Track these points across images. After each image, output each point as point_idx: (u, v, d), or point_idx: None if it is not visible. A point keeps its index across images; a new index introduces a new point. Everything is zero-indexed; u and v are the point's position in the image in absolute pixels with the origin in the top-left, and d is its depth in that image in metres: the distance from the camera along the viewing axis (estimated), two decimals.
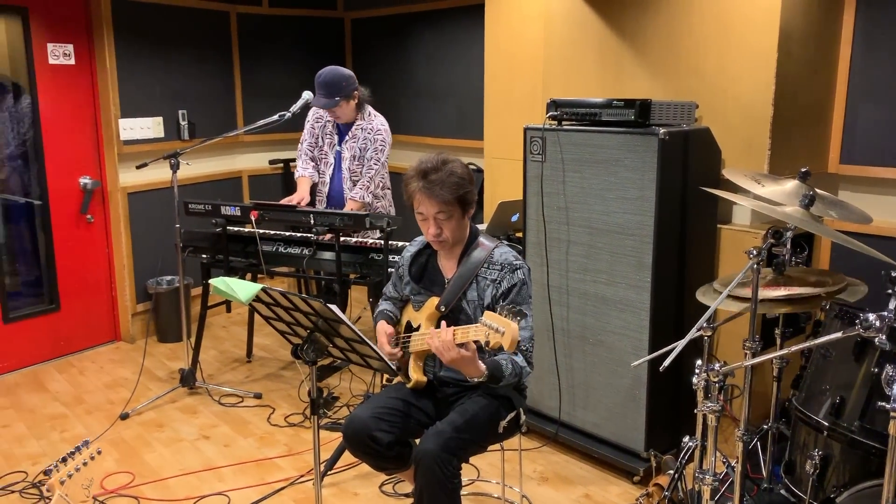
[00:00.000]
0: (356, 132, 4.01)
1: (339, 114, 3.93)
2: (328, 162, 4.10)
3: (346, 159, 4.03)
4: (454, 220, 2.36)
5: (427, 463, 2.17)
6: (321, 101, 3.85)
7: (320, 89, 3.84)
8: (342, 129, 4.07)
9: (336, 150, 4.08)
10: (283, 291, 2.16)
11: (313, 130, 4.14)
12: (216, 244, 3.99)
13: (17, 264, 4.45)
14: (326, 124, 4.10)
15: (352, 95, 3.90)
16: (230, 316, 5.23)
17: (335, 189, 4.11)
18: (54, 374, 4.34)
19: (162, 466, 3.30)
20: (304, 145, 4.18)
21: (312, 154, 4.16)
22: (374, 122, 4.02)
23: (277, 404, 3.91)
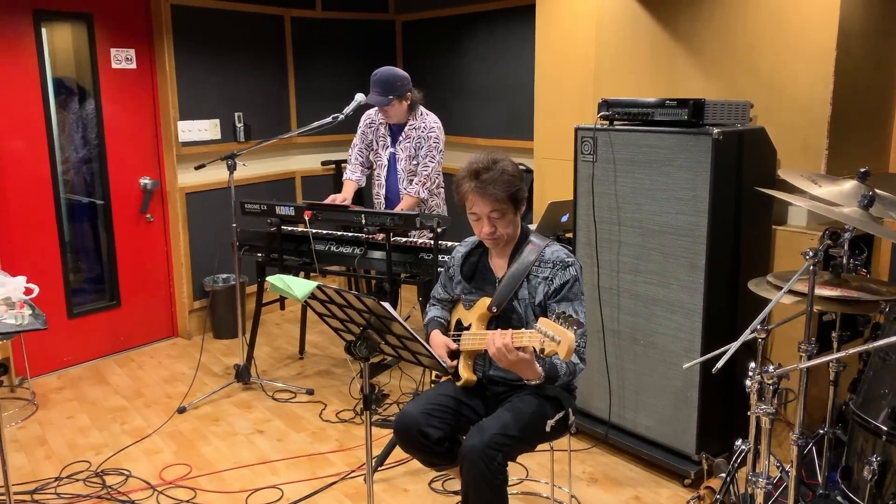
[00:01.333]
0: (409, 132, 4.05)
1: (391, 113, 3.97)
2: (382, 164, 4.15)
3: (400, 160, 4.07)
4: (507, 218, 2.38)
5: (472, 458, 2.19)
6: (374, 98, 3.90)
7: (375, 87, 3.89)
8: (395, 131, 4.12)
9: (390, 151, 4.13)
10: (338, 289, 2.21)
11: (365, 136, 4.20)
12: (271, 243, 4.08)
13: (81, 262, 4.62)
14: (379, 127, 4.15)
15: (405, 96, 3.94)
16: (283, 314, 5.34)
17: (391, 191, 4.16)
18: (115, 369, 4.50)
19: (217, 459, 3.39)
20: (354, 150, 4.24)
21: (362, 159, 4.22)
22: (426, 120, 4.06)
23: (329, 400, 3.98)
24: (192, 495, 3.09)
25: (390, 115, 4.00)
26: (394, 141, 4.12)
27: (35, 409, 3.93)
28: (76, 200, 4.52)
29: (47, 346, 4.33)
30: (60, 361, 4.44)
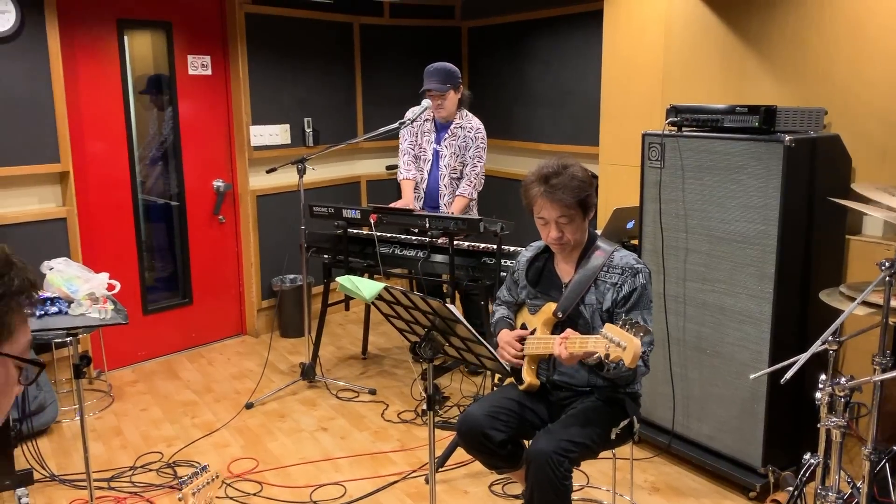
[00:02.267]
0: (455, 130, 4.15)
1: (444, 104, 4.07)
2: (426, 159, 4.25)
3: (444, 157, 4.16)
4: (575, 224, 2.38)
5: (539, 462, 2.20)
6: (434, 85, 4.03)
7: (433, 76, 4.03)
8: (439, 129, 4.21)
9: (434, 148, 4.21)
10: (404, 290, 2.25)
11: (412, 129, 4.29)
12: (337, 245, 4.17)
13: (155, 261, 4.81)
14: (424, 123, 4.24)
15: (458, 88, 4.10)
16: (347, 314, 5.44)
17: (431, 186, 4.25)
18: (186, 364, 4.66)
19: (283, 454, 3.48)
20: (404, 144, 4.32)
21: (413, 153, 4.29)
22: (472, 121, 4.19)
23: (391, 401, 4.04)
24: (258, 489, 3.19)
25: (444, 107, 4.10)
26: (439, 138, 4.20)
27: (111, 400, 4.11)
28: (152, 202, 4.71)
29: (123, 341, 4.52)
30: (135, 356, 4.62)
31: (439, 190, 4.21)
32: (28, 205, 4.00)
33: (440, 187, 4.20)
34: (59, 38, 3.94)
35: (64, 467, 3.36)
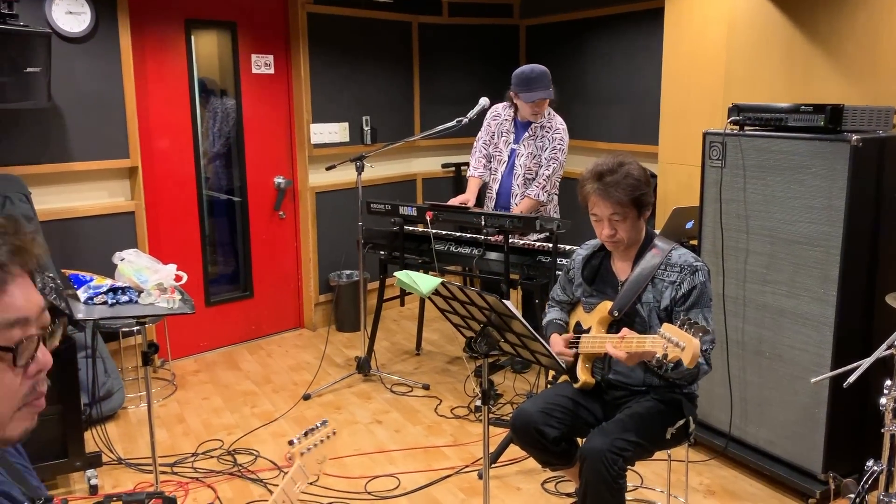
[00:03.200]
0: (535, 130, 4.10)
1: (542, 109, 4.04)
2: (501, 159, 4.21)
3: (521, 156, 4.12)
4: (629, 222, 2.37)
5: (593, 460, 2.20)
6: (542, 94, 3.97)
7: (537, 82, 3.96)
8: (519, 128, 4.17)
9: (511, 147, 4.18)
10: (461, 286, 2.28)
11: (489, 128, 4.27)
12: (393, 242, 4.23)
13: (218, 255, 4.95)
14: (504, 122, 4.21)
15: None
16: (402, 310, 5.50)
17: (504, 186, 4.20)
18: (246, 355, 4.78)
19: (339, 445, 3.55)
20: (479, 143, 4.32)
21: (486, 152, 4.29)
22: (553, 120, 4.10)
23: (444, 396, 4.08)
24: (315, 478, 3.25)
25: (543, 113, 4.06)
26: (517, 137, 4.16)
27: (175, 389, 4.25)
28: (215, 197, 4.85)
29: (186, 332, 4.66)
30: (197, 346, 4.77)
31: (512, 190, 4.15)
32: (99, 199, 4.17)
33: (513, 187, 4.14)
34: (130, 37, 4.10)
35: (130, 451, 3.50)
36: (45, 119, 3.86)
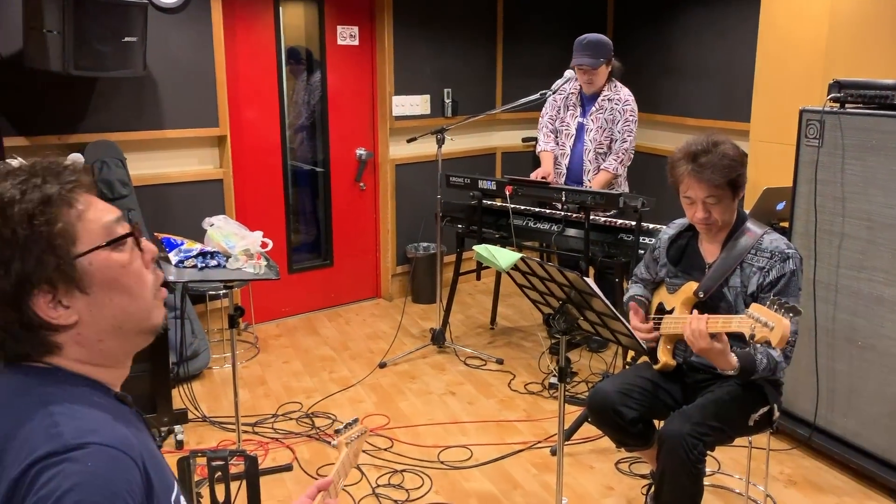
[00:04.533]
0: (602, 103, 4.01)
1: (594, 79, 3.94)
2: (569, 134, 4.14)
3: (590, 131, 4.04)
4: (724, 204, 2.30)
5: (672, 444, 2.17)
6: (586, 61, 3.87)
7: (585, 49, 3.87)
8: (586, 101, 4.09)
9: (579, 121, 4.10)
10: (541, 262, 2.27)
11: (555, 103, 4.20)
12: (471, 215, 4.22)
13: (300, 224, 5.06)
14: (570, 96, 4.13)
15: (610, 61, 3.94)
16: (477, 284, 5.51)
17: (575, 161, 4.13)
18: (325, 322, 4.89)
19: (413, 414, 3.61)
20: (545, 118, 4.25)
21: (553, 126, 4.22)
22: (620, 92, 4.00)
23: (518, 371, 4.08)
24: (389, 444, 3.32)
25: (594, 81, 3.96)
26: (584, 111, 4.08)
27: (257, 352, 4.39)
28: (299, 167, 4.94)
29: (269, 297, 4.80)
30: (279, 312, 4.90)
31: (583, 166, 4.08)
32: (189, 166, 4.31)
33: (584, 163, 4.08)
34: (221, 8, 4.19)
35: (214, 410, 3.64)
36: (140, 88, 4.00)
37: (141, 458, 0.97)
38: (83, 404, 0.98)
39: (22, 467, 0.89)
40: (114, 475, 0.91)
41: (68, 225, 0.98)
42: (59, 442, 0.91)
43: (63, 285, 0.98)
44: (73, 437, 0.92)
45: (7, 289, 0.95)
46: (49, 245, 0.96)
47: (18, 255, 0.95)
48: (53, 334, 1.00)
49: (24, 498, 0.88)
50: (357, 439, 1.66)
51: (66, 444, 0.91)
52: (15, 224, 0.95)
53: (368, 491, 2.96)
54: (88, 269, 1.00)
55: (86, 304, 1.01)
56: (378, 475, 3.07)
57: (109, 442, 0.93)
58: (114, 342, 1.04)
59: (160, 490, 1.00)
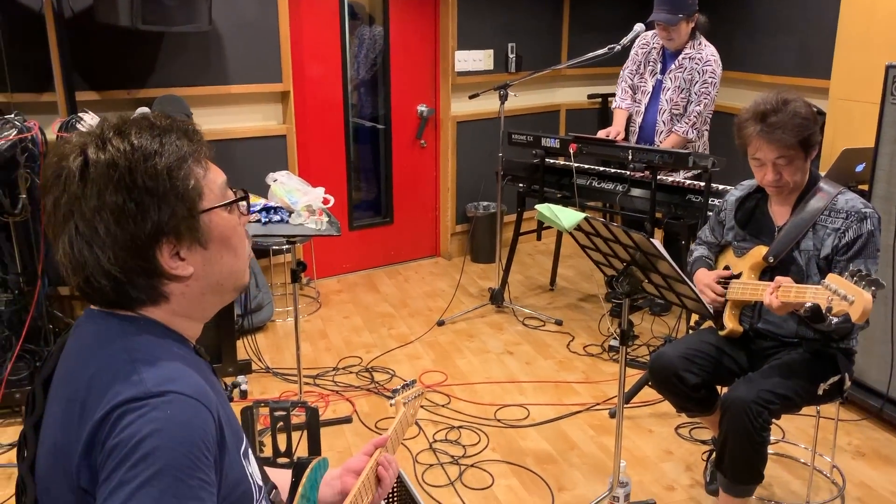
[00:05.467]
0: (683, 62, 3.83)
1: (675, 36, 3.75)
2: (646, 91, 3.99)
3: (667, 90, 3.88)
4: (794, 165, 2.19)
5: (736, 411, 2.11)
6: (662, 17, 3.70)
7: (663, 4, 3.69)
8: (667, 58, 3.92)
9: (657, 79, 3.95)
10: (605, 222, 2.21)
11: (636, 57, 4.05)
12: (533, 174, 4.16)
13: (361, 181, 5.07)
14: (651, 51, 3.97)
15: (692, 17, 3.73)
16: (537, 245, 5.46)
17: (648, 121, 3.99)
18: (384, 279, 4.93)
19: (471, 372, 3.62)
20: (625, 72, 4.11)
21: (632, 82, 4.08)
22: (703, 51, 3.80)
23: (577, 333, 4.04)
24: (446, 401, 3.35)
25: (673, 38, 3.77)
26: (664, 68, 3.92)
27: (318, 306, 4.46)
28: (360, 124, 4.94)
29: (331, 254, 4.86)
30: (340, 268, 4.96)
31: (656, 126, 3.93)
32: (253, 121, 4.35)
33: (658, 123, 3.92)
34: None
35: (276, 362, 3.73)
36: (205, 43, 4.04)
37: (216, 409, 1.00)
38: (165, 354, 1.01)
39: (105, 410, 0.93)
40: (191, 424, 0.94)
41: (198, 182, 1.04)
42: (140, 388, 0.94)
43: (187, 238, 1.03)
44: (155, 384, 0.95)
45: (141, 236, 0.99)
46: (183, 198, 1.01)
47: (156, 205, 0.99)
48: (167, 284, 1.04)
49: (106, 439, 0.91)
50: (414, 400, 1.67)
51: (148, 391, 0.94)
52: (157, 175, 0.99)
53: (426, 446, 2.99)
54: (209, 226, 1.05)
55: (202, 259, 1.05)
56: (435, 430, 3.10)
57: (188, 392, 0.96)
58: (213, 298, 1.10)
59: (231, 442, 1.03)
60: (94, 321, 1.06)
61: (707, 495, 2.67)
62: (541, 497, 2.68)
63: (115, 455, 0.89)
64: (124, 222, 0.98)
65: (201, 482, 0.92)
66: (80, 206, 0.98)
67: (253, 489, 1.09)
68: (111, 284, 1.01)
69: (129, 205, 0.98)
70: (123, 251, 0.99)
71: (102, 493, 0.89)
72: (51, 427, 1.01)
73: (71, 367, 1.03)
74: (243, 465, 1.08)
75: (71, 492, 0.95)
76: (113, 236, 0.98)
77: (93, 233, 0.98)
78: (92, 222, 0.98)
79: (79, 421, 0.95)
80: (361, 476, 1.35)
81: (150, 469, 0.88)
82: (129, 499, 0.87)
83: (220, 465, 0.99)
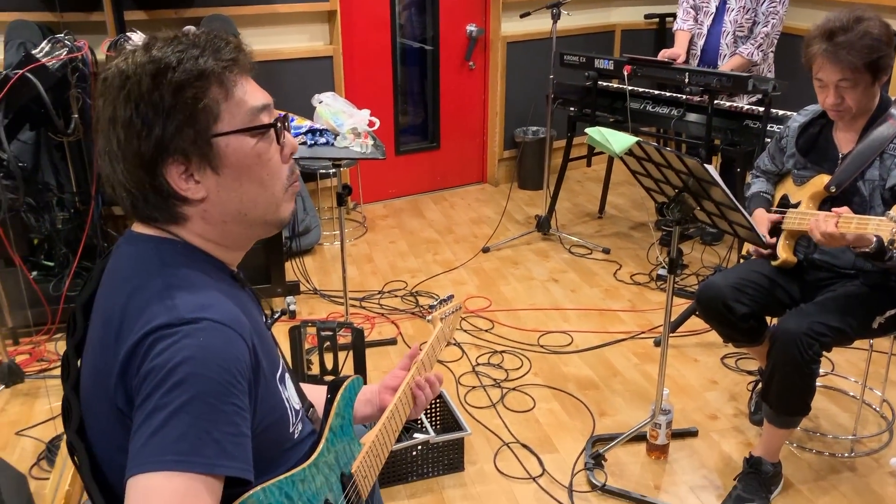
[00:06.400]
0: None
1: None
2: (709, 12, 3.78)
3: (731, 10, 3.67)
4: (860, 89, 2.07)
5: (786, 341, 2.07)
6: None
7: None
8: None
9: None
10: (658, 147, 2.14)
11: None
12: (585, 97, 4.04)
13: (408, 105, 5.00)
14: None
15: None
16: (587, 171, 5.36)
17: (711, 43, 3.80)
18: (430, 205, 4.91)
19: (515, 298, 3.62)
20: None
21: (695, 2, 3.87)
22: None
23: (624, 262, 3.99)
24: (490, 326, 3.36)
25: None
26: None
27: (365, 231, 4.48)
28: (408, 45, 4.83)
29: (377, 178, 4.84)
30: (386, 193, 4.95)
31: (720, 49, 3.74)
32: (300, 42, 4.30)
33: (721, 46, 3.74)
34: None
35: (323, 284, 3.78)
36: None
37: (250, 336, 1.00)
38: (200, 280, 1.01)
39: (139, 335, 0.94)
40: (224, 351, 0.94)
41: (213, 103, 0.99)
42: (174, 314, 0.94)
43: (197, 160, 1.00)
44: (188, 311, 0.95)
45: (145, 152, 0.98)
46: (190, 118, 0.98)
47: (161, 121, 0.97)
48: (182, 205, 1.02)
49: (140, 365, 0.93)
50: (452, 315, 1.66)
51: (181, 318, 0.94)
52: (164, 91, 0.97)
53: (469, 368, 3.02)
54: (224, 151, 1.01)
55: (215, 184, 1.02)
56: (478, 354, 3.13)
57: (221, 319, 0.96)
58: (237, 227, 1.06)
59: (266, 368, 1.04)
60: (133, 244, 1.06)
61: (751, 425, 2.66)
62: (582, 421, 2.71)
63: (150, 381, 0.91)
64: (131, 137, 0.97)
65: (235, 408, 0.93)
66: (102, 119, 0.99)
67: (289, 413, 1.11)
68: (129, 199, 1.01)
69: (136, 119, 0.96)
70: (133, 166, 0.98)
71: (138, 418, 0.91)
72: (90, 349, 1.03)
73: (108, 290, 1.04)
74: (279, 390, 1.09)
75: (111, 412, 0.97)
76: (123, 150, 0.98)
77: (109, 145, 0.99)
78: (108, 135, 0.98)
79: (114, 344, 0.96)
80: (397, 393, 1.36)
81: (184, 395, 0.89)
82: (164, 424, 0.88)
83: (256, 392, 1.00)
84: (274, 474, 1.03)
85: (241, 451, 0.94)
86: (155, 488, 0.86)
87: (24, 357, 3.05)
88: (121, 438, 0.95)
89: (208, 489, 0.89)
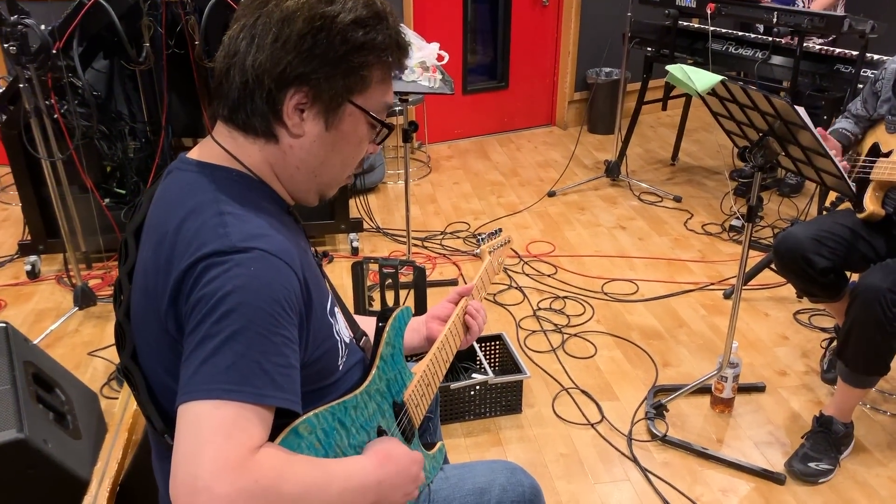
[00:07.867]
0: None
1: None
2: None
3: None
4: None
5: (868, 297, 1.96)
6: None
7: None
8: None
9: None
10: (744, 86, 2.01)
11: None
12: (664, 37, 3.86)
13: (477, 44, 4.88)
14: None
15: None
16: (661, 116, 5.16)
17: None
18: (496, 147, 4.83)
19: (579, 244, 3.54)
20: None
21: None
22: None
23: (696, 211, 3.85)
24: (553, 271, 3.31)
25: None
26: None
27: (429, 171, 4.44)
28: None
29: (443, 118, 4.77)
30: (452, 133, 4.88)
31: None
32: None
33: None
34: None
35: (387, 222, 3.77)
36: None
37: (301, 268, 0.98)
38: (254, 210, 1.00)
39: (190, 261, 0.93)
40: (274, 281, 0.93)
41: (370, 77, 1.03)
42: (226, 242, 0.93)
43: (320, 107, 1.02)
44: (240, 239, 0.94)
45: (289, 68, 0.98)
46: (346, 75, 1.01)
47: (323, 59, 0.98)
48: (280, 127, 1.02)
49: (191, 292, 0.92)
50: (500, 249, 1.63)
51: (233, 246, 0.93)
52: (349, 39, 0.99)
53: (530, 312, 2.99)
54: (344, 117, 1.04)
55: (317, 135, 1.03)
56: (540, 299, 3.08)
57: (272, 249, 0.95)
58: (301, 178, 1.08)
59: (317, 300, 1.03)
60: (186, 170, 1.05)
61: (822, 384, 2.56)
62: (644, 370, 2.65)
63: (200, 308, 0.90)
64: (291, 47, 0.98)
65: (284, 339, 0.92)
66: (276, 8, 0.98)
67: (339, 346, 1.11)
68: (239, 87, 1.00)
69: (308, 40, 0.98)
70: (270, 66, 0.98)
71: (189, 345, 0.90)
72: (141, 273, 1.03)
73: (159, 215, 1.02)
74: (330, 323, 1.09)
75: (162, 336, 0.97)
76: (272, 49, 0.98)
77: (264, 33, 0.98)
78: (270, 25, 0.98)
79: (166, 267, 0.95)
80: (449, 322, 1.36)
81: (235, 325, 0.88)
82: (214, 353, 0.88)
83: (307, 324, 0.99)
84: (320, 404, 1.02)
85: (290, 383, 0.93)
86: (206, 416, 0.86)
87: (97, 281, 3.15)
88: (172, 363, 0.95)
89: (259, 418, 0.89)
